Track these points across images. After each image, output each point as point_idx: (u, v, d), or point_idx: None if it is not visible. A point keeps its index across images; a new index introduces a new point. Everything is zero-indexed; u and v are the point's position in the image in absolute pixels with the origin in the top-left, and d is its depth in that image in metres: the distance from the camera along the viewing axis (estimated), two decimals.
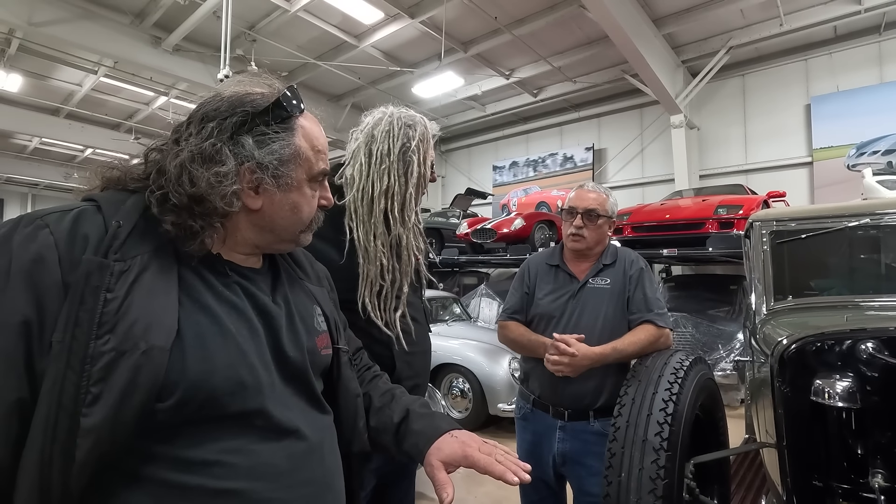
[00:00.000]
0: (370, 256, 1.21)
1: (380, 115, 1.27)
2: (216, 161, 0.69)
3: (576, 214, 1.77)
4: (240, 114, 0.72)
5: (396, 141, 1.22)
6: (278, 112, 0.73)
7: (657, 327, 1.66)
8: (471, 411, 4.39)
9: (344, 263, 1.20)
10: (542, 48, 8.17)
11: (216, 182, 0.68)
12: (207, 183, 0.67)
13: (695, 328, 5.51)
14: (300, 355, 0.78)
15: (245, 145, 0.71)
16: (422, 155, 1.25)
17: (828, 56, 7.72)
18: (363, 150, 1.23)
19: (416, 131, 1.24)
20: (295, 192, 0.76)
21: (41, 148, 13.42)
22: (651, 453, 1.35)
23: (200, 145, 0.69)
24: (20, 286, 0.59)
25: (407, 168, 1.23)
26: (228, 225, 0.74)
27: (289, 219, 0.77)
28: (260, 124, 0.72)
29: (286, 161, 0.74)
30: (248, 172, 0.72)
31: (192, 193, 0.67)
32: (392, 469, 1.30)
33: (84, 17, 7.05)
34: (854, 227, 2.10)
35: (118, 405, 0.58)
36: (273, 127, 0.73)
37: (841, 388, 1.31)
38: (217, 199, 0.68)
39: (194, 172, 0.67)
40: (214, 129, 0.70)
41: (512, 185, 11.54)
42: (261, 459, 0.68)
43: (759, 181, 7.85)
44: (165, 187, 0.67)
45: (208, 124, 0.71)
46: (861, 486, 1.34)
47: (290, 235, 0.80)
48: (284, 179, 0.74)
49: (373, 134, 1.24)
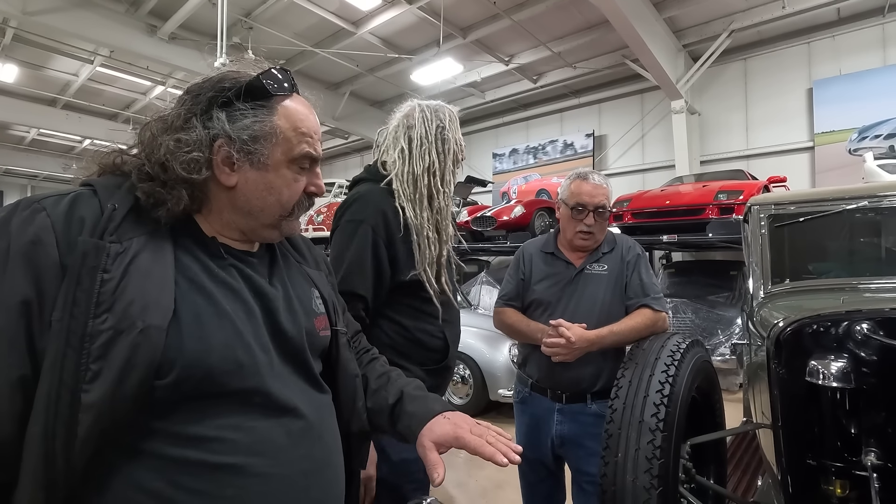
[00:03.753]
0: (422, 232, 1.33)
1: (410, 107, 1.41)
2: (181, 129, 0.71)
3: (587, 212, 1.69)
4: (217, 89, 0.73)
5: (432, 124, 1.37)
6: (255, 90, 0.74)
7: (654, 311, 1.67)
8: (471, 397, 4.44)
9: (405, 242, 1.31)
10: (542, 33, 8.08)
11: (175, 148, 0.69)
12: (167, 148, 0.69)
13: (694, 314, 5.54)
14: (298, 335, 0.79)
15: (217, 119, 0.72)
16: (455, 133, 1.42)
17: (831, 39, 7.63)
18: (403, 138, 1.37)
19: (444, 115, 1.41)
20: (271, 173, 0.76)
21: (39, 139, 13.38)
22: (647, 434, 1.37)
23: (170, 114, 0.72)
24: (19, 267, 0.60)
25: (444, 146, 1.38)
26: (209, 202, 0.75)
27: (265, 200, 0.76)
28: (235, 101, 0.73)
29: (258, 138, 0.73)
30: (220, 146, 0.73)
31: (157, 159, 0.69)
32: None
33: (79, 5, 6.98)
34: (852, 211, 2.10)
35: (117, 381, 0.59)
36: (249, 104, 0.73)
37: (835, 369, 1.32)
38: (176, 164, 0.69)
39: (161, 139, 0.70)
40: (188, 101, 0.73)
41: (512, 172, 11.49)
42: (259, 436, 0.69)
43: (760, 166, 7.81)
44: (142, 157, 0.70)
45: (184, 97, 0.74)
46: (854, 464, 1.36)
47: (270, 220, 0.79)
48: (257, 157, 0.74)
49: (408, 123, 1.38)
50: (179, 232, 0.72)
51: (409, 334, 1.34)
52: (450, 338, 1.40)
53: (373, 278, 1.28)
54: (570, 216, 1.73)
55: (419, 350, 1.35)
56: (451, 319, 1.43)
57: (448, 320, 1.40)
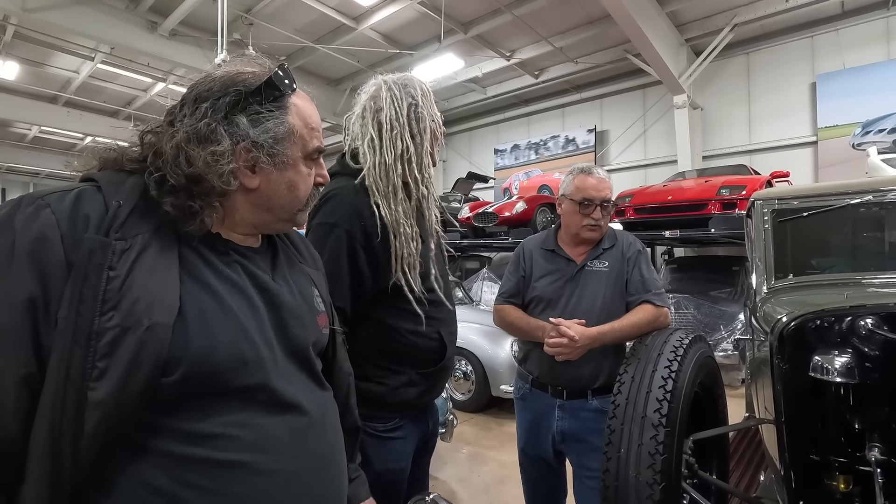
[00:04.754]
0: (399, 230, 1.20)
1: (375, 86, 1.25)
2: (212, 140, 0.69)
3: (594, 206, 1.71)
4: (233, 93, 0.72)
5: (402, 103, 1.21)
6: (270, 90, 0.74)
7: (655, 307, 1.67)
8: (473, 393, 4.46)
9: (385, 243, 1.18)
10: (543, 28, 8.04)
11: (213, 161, 0.68)
12: (204, 162, 0.68)
13: (697, 309, 5.53)
14: (302, 332, 0.80)
15: (240, 125, 0.72)
16: (430, 108, 1.26)
17: (834, 32, 7.57)
18: (372, 123, 1.22)
19: (416, 89, 1.24)
20: (291, 171, 0.77)
21: (41, 136, 13.39)
22: (650, 429, 1.36)
23: (195, 125, 0.69)
24: (24, 264, 0.60)
25: (419, 125, 1.23)
26: (227, 205, 0.75)
27: (286, 197, 0.78)
28: (253, 103, 0.73)
29: (281, 139, 0.74)
30: (244, 151, 0.72)
31: (190, 174, 0.67)
32: (419, 445, 1.34)
33: (79, 2, 6.97)
34: (856, 205, 2.08)
35: (124, 379, 0.59)
36: (266, 106, 0.74)
37: (839, 364, 1.32)
38: (215, 178, 0.69)
39: (191, 153, 0.68)
40: (209, 110, 0.71)
41: (513, 168, 11.47)
42: (264, 433, 0.70)
43: (763, 161, 7.77)
44: (163, 169, 0.68)
45: (202, 105, 0.71)
46: (857, 459, 1.36)
47: (288, 214, 0.81)
48: (280, 157, 0.75)
49: (376, 105, 1.22)
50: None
51: (402, 338, 1.23)
52: (446, 338, 1.30)
53: (350, 287, 1.16)
54: (576, 211, 1.73)
55: (413, 353, 1.25)
56: (445, 318, 1.32)
57: (441, 319, 1.30)
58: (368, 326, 1.22)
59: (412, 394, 1.25)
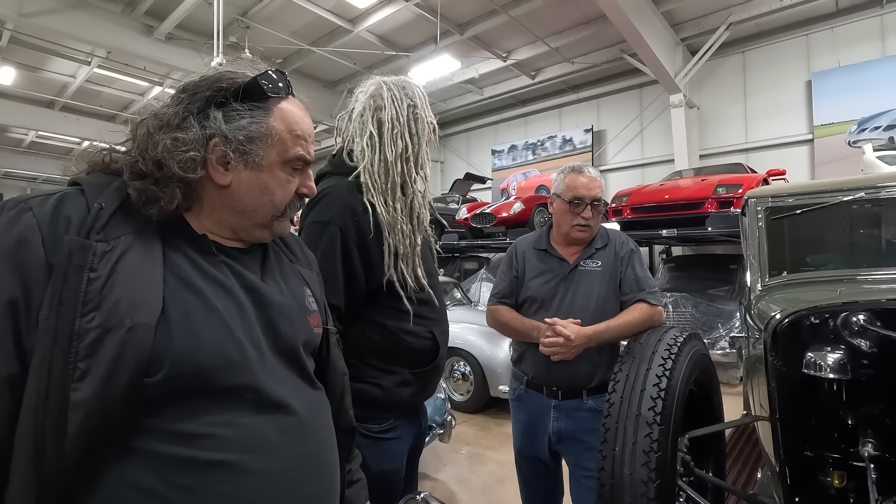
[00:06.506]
0: (394, 228, 1.21)
1: (375, 86, 1.27)
2: (179, 128, 0.71)
3: (584, 205, 1.70)
4: (214, 89, 0.74)
5: (402, 104, 1.24)
6: (252, 91, 0.74)
7: (650, 305, 1.67)
8: (472, 394, 4.46)
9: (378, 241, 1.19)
10: (540, 29, 8.05)
11: (172, 146, 0.69)
12: (164, 147, 0.69)
13: (694, 308, 5.54)
14: (291, 331, 0.79)
15: (214, 118, 0.73)
16: (427, 111, 1.30)
17: (829, 31, 7.60)
18: (371, 122, 1.23)
19: (414, 92, 1.28)
20: (266, 174, 0.77)
21: (38, 141, 13.37)
22: (644, 427, 1.37)
23: (166, 111, 0.72)
24: (5, 267, 0.61)
25: (418, 126, 1.26)
26: (203, 198, 0.75)
27: (258, 199, 0.77)
28: (231, 101, 0.74)
29: (255, 139, 0.74)
30: (215, 146, 0.73)
31: (153, 157, 0.69)
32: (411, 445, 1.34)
33: (75, 6, 6.97)
34: (850, 202, 2.09)
35: (106, 380, 0.59)
36: (246, 105, 0.74)
37: (832, 361, 1.32)
38: (173, 162, 0.69)
39: (156, 137, 0.70)
40: (185, 100, 0.73)
41: (511, 169, 11.49)
42: (251, 432, 0.70)
43: (759, 159, 7.80)
44: (134, 154, 0.70)
45: (181, 95, 0.74)
46: (851, 455, 1.36)
47: (262, 219, 0.79)
48: (252, 157, 0.75)
49: (376, 104, 1.24)
50: (169, 230, 0.72)
51: (395, 337, 1.23)
52: (438, 337, 1.30)
53: (344, 285, 1.17)
54: (567, 210, 1.73)
55: (406, 352, 1.25)
56: (437, 317, 1.32)
57: (433, 318, 1.30)
58: (362, 326, 1.22)
59: (406, 394, 1.25)
